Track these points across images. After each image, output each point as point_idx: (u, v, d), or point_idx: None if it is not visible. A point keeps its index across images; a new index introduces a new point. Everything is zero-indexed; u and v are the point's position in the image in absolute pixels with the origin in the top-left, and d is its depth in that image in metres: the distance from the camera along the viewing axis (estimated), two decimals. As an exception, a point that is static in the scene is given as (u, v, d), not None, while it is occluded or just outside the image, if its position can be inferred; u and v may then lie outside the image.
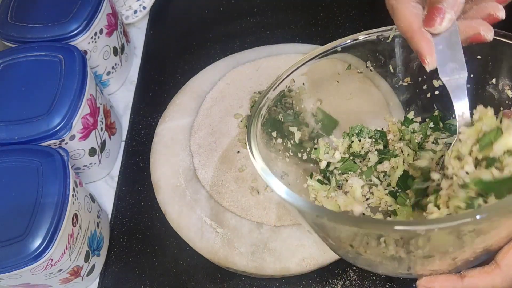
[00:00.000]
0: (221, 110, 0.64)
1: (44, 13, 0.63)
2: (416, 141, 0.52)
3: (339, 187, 0.50)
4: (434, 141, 0.51)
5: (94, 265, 0.56)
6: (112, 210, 0.63)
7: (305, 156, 0.52)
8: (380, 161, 0.51)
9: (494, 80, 0.47)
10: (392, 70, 0.53)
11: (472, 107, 0.42)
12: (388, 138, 0.53)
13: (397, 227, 0.33)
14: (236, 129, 0.63)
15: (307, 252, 0.53)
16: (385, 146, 0.53)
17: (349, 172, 0.51)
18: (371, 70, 0.53)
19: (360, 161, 0.52)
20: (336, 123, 0.61)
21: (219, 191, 0.57)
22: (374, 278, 0.54)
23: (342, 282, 0.54)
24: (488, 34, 0.40)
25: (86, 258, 0.54)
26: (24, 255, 0.46)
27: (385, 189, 0.49)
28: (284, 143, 0.50)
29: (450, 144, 0.50)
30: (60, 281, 0.52)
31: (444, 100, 0.51)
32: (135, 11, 0.81)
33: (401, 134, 0.53)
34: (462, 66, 0.41)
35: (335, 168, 0.51)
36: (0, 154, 0.52)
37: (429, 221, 0.35)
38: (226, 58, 0.70)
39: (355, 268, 0.55)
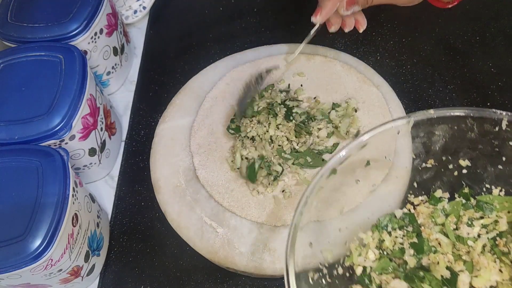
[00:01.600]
0: (221, 110, 0.64)
1: (44, 13, 0.63)
2: (451, 227, 0.49)
3: None
4: (469, 222, 0.49)
5: (94, 265, 0.56)
6: (112, 210, 0.63)
7: (340, 270, 0.48)
8: (419, 261, 0.48)
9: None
10: (413, 156, 0.52)
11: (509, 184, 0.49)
12: (419, 222, 0.51)
13: None
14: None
15: (307, 252, 0.53)
16: (418, 233, 0.50)
17: (387, 272, 0.48)
18: (390, 160, 0.54)
19: (398, 259, 0.49)
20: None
21: (219, 191, 0.57)
22: (374, 278, 0.54)
23: (342, 282, 0.54)
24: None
25: (86, 258, 0.54)
26: (24, 255, 0.46)
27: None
28: (322, 279, 0.46)
29: (486, 226, 0.48)
30: (60, 281, 0.52)
31: (473, 177, 0.50)
32: (135, 11, 0.81)
33: (433, 220, 0.50)
34: None
35: (371, 270, 0.48)
36: (0, 154, 0.52)
37: None
38: (226, 58, 0.70)
39: (355, 268, 0.55)
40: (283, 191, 0.56)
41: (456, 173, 0.51)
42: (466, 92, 0.68)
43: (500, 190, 0.50)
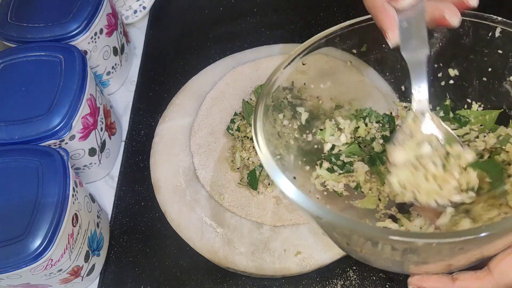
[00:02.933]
0: (221, 110, 0.64)
1: (44, 13, 0.63)
2: None
3: (341, 168, 0.49)
4: None
5: (94, 265, 0.56)
6: (112, 210, 0.63)
7: (310, 137, 0.51)
8: (384, 150, 0.49)
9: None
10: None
11: (488, 100, 0.49)
12: (396, 124, 0.52)
13: (393, 237, 0.33)
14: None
15: (307, 252, 0.53)
16: (392, 130, 0.51)
17: (353, 156, 0.50)
18: (380, 56, 0.52)
19: (365, 146, 0.51)
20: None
21: (219, 191, 0.57)
22: (374, 278, 0.54)
23: (342, 282, 0.54)
24: (453, 19, 0.40)
25: (86, 258, 0.54)
26: (24, 255, 0.46)
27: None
28: (290, 125, 0.49)
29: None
30: (60, 281, 0.52)
31: (457, 90, 0.51)
32: (135, 11, 0.81)
33: None
34: (424, 44, 0.42)
35: (339, 151, 0.50)
36: (0, 154, 0.52)
37: (428, 235, 0.34)
38: (226, 58, 0.71)
39: (355, 268, 0.55)
40: (283, 191, 0.56)
41: (443, 83, 0.51)
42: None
43: (479, 106, 0.50)
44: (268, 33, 0.77)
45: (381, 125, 0.52)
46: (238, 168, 0.58)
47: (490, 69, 0.48)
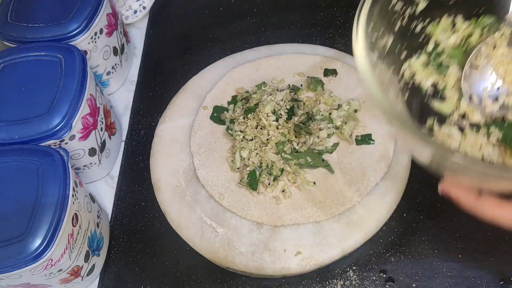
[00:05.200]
0: (221, 110, 0.64)
1: (44, 13, 0.63)
2: None
3: (437, 67, 0.47)
4: None
5: (94, 265, 0.56)
6: (112, 210, 0.63)
7: (418, 28, 0.48)
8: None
9: None
10: None
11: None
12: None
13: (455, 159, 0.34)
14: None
15: (307, 252, 0.53)
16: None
17: (454, 59, 0.47)
18: None
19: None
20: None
21: (219, 191, 0.57)
22: (374, 278, 0.54)
23: (342, 282, 0.54)
24: None
25: (86, 258, 0.54)
26: (24, 255, 0.46)
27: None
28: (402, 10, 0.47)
29: None
30: (60, 281, 0.52)
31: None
32: (135, 11, 0.81)
33: None
34: None
35: (444, 49, 0.48)
36: (0, 154, 0.52)
37: (487, 165, 0.36)
38: (226, 58, 0.70)
39: (355, 268, 0.55)
40: (283, 191, 0.56)
41: None
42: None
43: None
44: (268, 33, 0.77)
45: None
46: (238, 168, 0.58)
47: None
